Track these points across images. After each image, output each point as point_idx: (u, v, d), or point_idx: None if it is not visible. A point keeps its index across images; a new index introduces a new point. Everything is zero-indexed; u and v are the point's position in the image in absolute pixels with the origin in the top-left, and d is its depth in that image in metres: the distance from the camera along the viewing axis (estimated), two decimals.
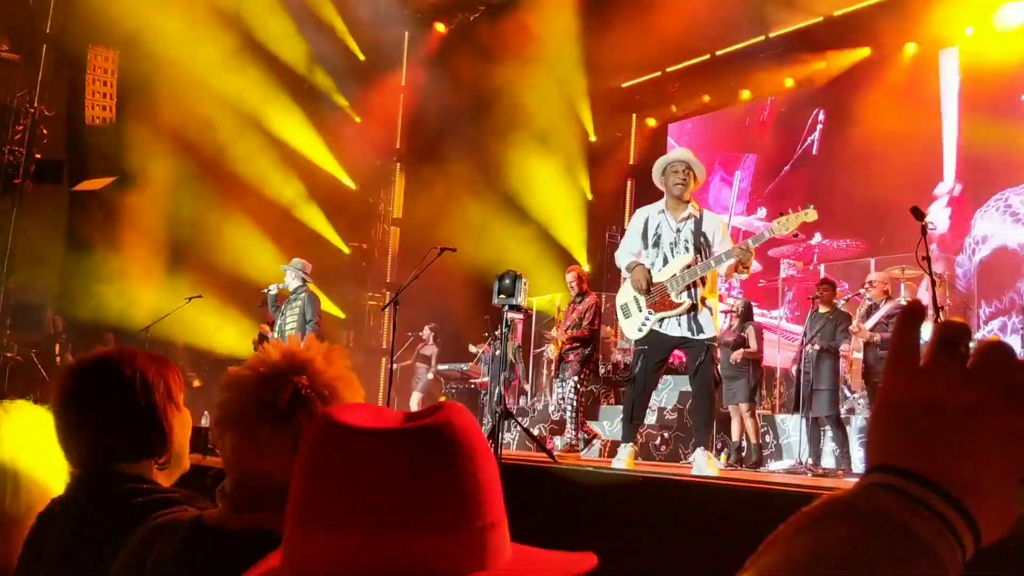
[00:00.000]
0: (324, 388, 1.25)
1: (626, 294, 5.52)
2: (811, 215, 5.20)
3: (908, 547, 0.51)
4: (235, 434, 1.23)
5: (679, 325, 5.28)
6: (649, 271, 5.36)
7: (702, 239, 5.31)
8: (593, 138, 15.11)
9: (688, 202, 5.39)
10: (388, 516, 0.77)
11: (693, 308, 5.24)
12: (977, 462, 0.54)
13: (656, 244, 5.40)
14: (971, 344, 0.57)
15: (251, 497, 1.23)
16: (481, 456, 0.83)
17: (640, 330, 5.41)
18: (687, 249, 5.30)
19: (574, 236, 14.61)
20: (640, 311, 5.40)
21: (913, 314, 0.59)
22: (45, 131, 12.23)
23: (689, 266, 5.24)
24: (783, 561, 0.53)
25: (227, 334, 11.98)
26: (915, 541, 0.52)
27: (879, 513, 0.53)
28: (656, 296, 5.30)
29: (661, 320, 5.31)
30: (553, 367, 8.86)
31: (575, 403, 8.23)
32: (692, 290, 5.25)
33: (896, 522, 0.52)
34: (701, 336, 5.26)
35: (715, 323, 5.35)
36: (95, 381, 1.61)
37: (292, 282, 8.54)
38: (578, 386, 8.25)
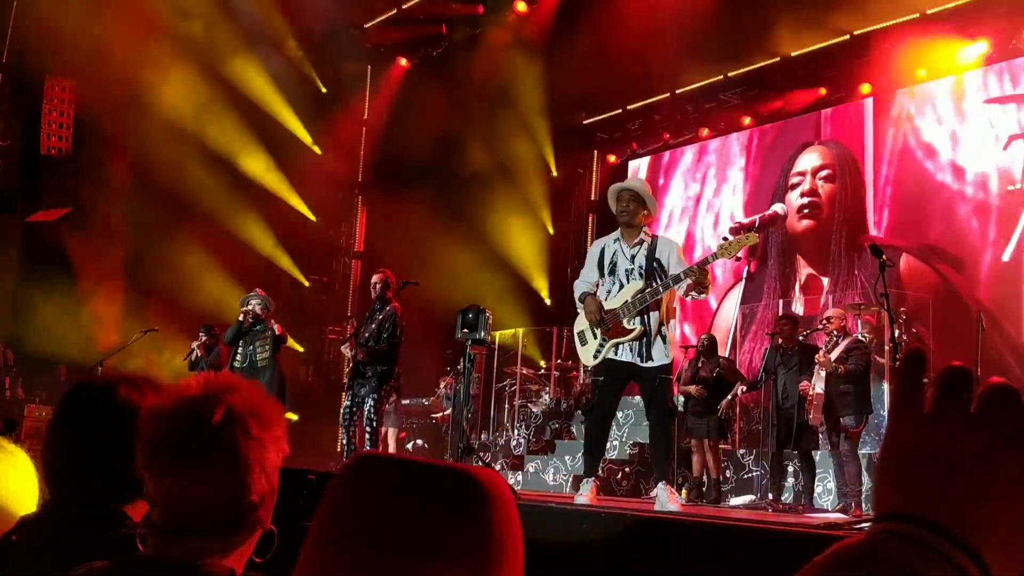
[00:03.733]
0: (255, 407, 1.26)
1: (582, 322, 5.57)
2: (752, 239, 5.35)
3: None
4: (167, 459, 1.23)
5: (630, 351, 5.31)
6: (600, 302, 5.41)
7: (655, 264, 5.36)
8: (555, 173, 15.21)
9: (641, 229, 5.46)
10: (414, 543, 0.78)
11: (645, 334, 5.26)
12: (988, 507, 0.54)
13: (612, 272, 5.46)
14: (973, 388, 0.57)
15: (184, 525, 1.22)
16: (515, 524, 0.83)
17: (596, 356, 5.45)
18: (640, 275, 5.35)
19: (536, 270, 14.64)
20: (595, 338, 5.45)
21: (915, 361, 0.59)
22: (0, 161, 12.04)
23: (641, 292, 5.29)
24: None
25: (183, 368, 11.77)
26: None
27: (889, 560, 0.52)
28: (610, 323, 5.35)
29: (616, 347, 5.35)
30: (346, 374, 7.89)
31: (374, 424, 7.56)
32: (644, 316, 5.28)
33: (907, 569, 0.52)
34: (650, 364, 5.27)
35: (668, 351, 5.35)
36: (103, 411, 1.55)
37: (261, 312, 8.41)
38: (377, 406, 7.59)
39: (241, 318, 8.30)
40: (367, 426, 7.55)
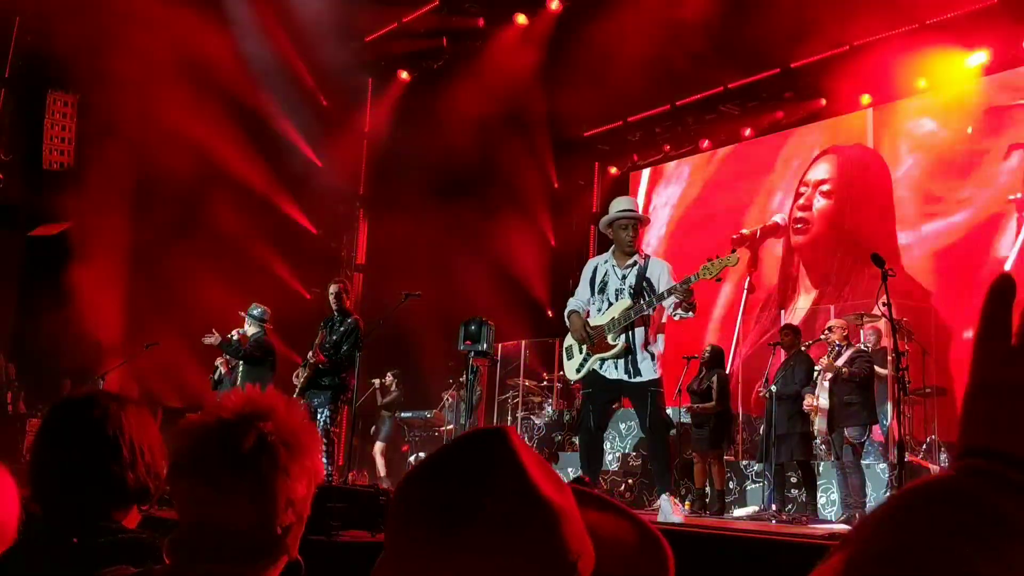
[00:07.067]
0: (288, 436, 1.22)
1: (571, 337, 5.75)
2: (733, 259, 5.42)
3: (999, 530, 0.49)
4: (193, 479, 1.20)
5: (616, 368, 5.43)
6: (585, 320, 5.57)
7: (644, 284, 5.46)
8: (556, 185, 15.22)
9: (634, 250, 5.60)
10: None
11: (629, 351, 5.36)
12: None
13: (602, 291, 5.60)
14: None
15: (206, 546, 1.19)
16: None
17: (579, 371, 5.62)
18: (629, 295, 5.46)
19: (537, 282, 14.63)
20: (580, 353, 5.61)
21: (1002, 290, 0.55)
22: (2, 175, 12.06)
23: (628, 309, 5.39)
24: (870, 548, 0.51)
25: (185, 382, 11.77)
26: (1006, 523, 0.49)
27: (968, 497, 0.51)
28: (595, 338, 5.47)
29: (601, 362, 5.45)
30: (300, 382, 7.53)
31: (330, 435, 7.43)
32: (629, 333, 5.38)
33: (986, 504, 0.50)
34: (638, 379, 5.38)
35: (656, 367, 5.43)
36: (83, 425, 1.56)
37: (251, 329, 8.40)
38: (333, 417, 7.47)
39: (236, 336, 8.30)
40: (323, 438, 7.35)
